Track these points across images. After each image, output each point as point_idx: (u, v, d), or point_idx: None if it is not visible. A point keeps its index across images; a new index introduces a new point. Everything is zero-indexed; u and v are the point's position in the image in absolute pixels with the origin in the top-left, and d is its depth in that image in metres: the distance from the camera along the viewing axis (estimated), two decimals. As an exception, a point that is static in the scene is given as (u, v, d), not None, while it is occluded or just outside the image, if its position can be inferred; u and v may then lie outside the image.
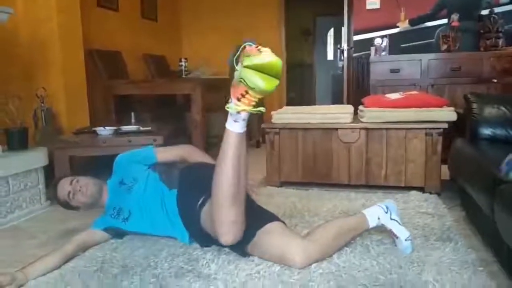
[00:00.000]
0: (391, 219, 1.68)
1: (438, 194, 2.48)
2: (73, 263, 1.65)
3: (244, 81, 1.23)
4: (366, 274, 1.48)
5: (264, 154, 2.88)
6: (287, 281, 1.43)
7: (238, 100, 1.29)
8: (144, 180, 1.86)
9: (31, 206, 2.44)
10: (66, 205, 1.89)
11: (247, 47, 1.25)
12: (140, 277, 1.50)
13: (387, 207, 1.71)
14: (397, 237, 1.66)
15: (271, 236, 1.54)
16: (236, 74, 1.28)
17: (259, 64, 1.21)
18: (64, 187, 1.86)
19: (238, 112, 1.31)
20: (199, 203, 1.63)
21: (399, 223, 1.68)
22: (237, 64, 1.28)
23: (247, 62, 1.22)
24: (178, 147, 2.09)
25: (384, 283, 1.41)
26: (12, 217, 2.31)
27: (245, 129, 1.37)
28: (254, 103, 1.30)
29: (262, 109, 1.31)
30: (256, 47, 1.24)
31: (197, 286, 1.43)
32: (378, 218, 1.68)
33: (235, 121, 1.35)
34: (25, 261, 1.66)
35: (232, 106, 1.31)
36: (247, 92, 1.27)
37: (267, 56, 1.22)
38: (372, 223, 1.68)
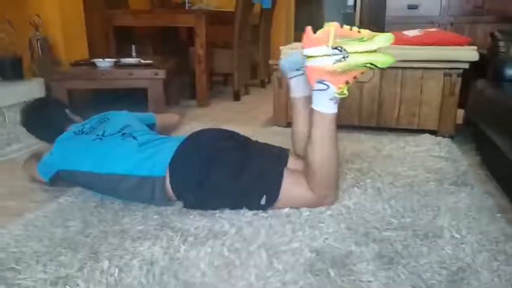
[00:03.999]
0: None
1: (452, 138, 2.39)
2: (72, 198, 1.59)
3: (373, 64, 1.27)
4: (378, 217, 1.41)
5: (268, 95, 2.75)
6: (296, 221, 1.37)
7: (347, 83, 1.31)
8: None
9: (28, 139, 2.35)
10: None
11: (340, 28, 1.27)
12: (143, 214, 1.44)
13: None
14: None
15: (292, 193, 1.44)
16: (336, 60, 1.28)
17: (386, 47, 1.26)
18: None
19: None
20: (263, 202, 1.43)
21: None
22: (336, 48, 1.27)
23: (370, 46, 1.26)
24: None
25: (396, 226, 1.35)
26: (10, 150, 2.24)
27: None
28: None
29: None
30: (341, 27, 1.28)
31: (202, 224, 1.37)
32: None
33: (335, 103, 1.35)
34: (23, 193, 1.61)
35: (337, 91, 1.31)
36: (362, 73, 1.31)
37: (384, 37, 1.26)
38: None
